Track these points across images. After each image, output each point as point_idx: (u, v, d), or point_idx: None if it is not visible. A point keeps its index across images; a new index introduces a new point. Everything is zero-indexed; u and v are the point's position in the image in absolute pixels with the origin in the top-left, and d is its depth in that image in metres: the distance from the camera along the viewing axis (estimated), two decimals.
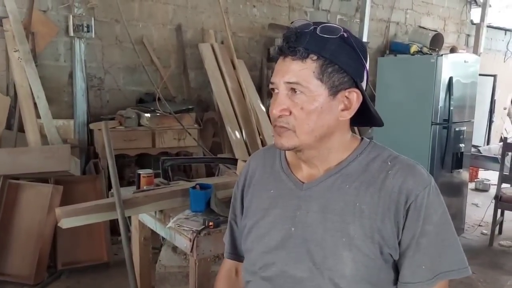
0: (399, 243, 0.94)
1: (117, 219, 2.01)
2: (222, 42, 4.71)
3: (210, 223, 1.82)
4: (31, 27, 3.63)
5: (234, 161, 2.86)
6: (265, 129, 4.46)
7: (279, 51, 0.96)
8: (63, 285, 2.96)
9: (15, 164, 3.11)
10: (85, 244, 3.12)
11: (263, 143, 4.41)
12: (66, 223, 1.84)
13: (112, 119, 3.88)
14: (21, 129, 3.50)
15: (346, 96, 0.96)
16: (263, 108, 4.60)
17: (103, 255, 3.15)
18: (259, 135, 4.49)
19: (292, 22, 0.98)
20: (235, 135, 4.34)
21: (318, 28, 0.93)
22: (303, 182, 1.02)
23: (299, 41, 0.92)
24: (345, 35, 0.93)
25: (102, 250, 3.15)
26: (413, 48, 5.84)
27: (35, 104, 3.51)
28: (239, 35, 4.96)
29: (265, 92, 5.04)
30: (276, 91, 0.97)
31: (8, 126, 3.57)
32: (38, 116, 3.50)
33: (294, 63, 0.93)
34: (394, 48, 6.21)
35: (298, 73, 0.92)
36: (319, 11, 5.68)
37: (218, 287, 1.21)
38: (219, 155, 4.24)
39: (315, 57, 0.92)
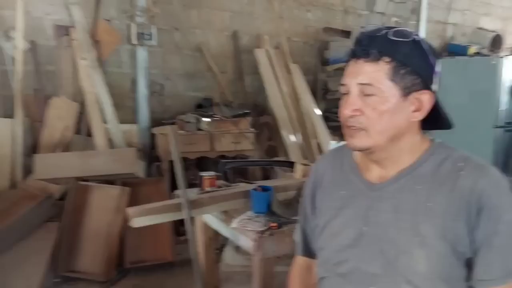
0: (472, 242, 0.95)
1: (183, 220, 2.12)
2: (277, 47, 4.78)
3: (274, 224, 1.88)
4: (96, 36, 3.88)
5: (290, 164, 2.90)
6: (321, 132, 4.47)
7: (352, 54, 1.00)
8: (130, 282, 3.12)
9: (85, 167, 3.34)
10: (151, 244, 3.28)
11: (319, 147, 4.42)
12: (136, 222, 1.97)
13: (173, 123, 4.05)
14: (89, 134, 3.75)
15: (417, 98, 0.99)
16: (318, 112, 4.61)
17: (168, 255, 3.29)
18: (314, 138, 4.50)
19: (362, 27, 1.03)
20: (290, 139, 4.39)
21: (391, 32, 0.97)
22: (373, 183, 1.06)
23: (372, 44, 0.96)
24: (417, 38, 0.98)
25: (167, 250, 3.30)
26: (472, 50, 5.63)
27: (101, 109, 3.75)
28: (294, 40, 5.01)
29: (320, 96, 5.05)
30: (346, 92, 1.01)
31: (77, 131, 3.82)
32: (104, 121, 3.74)
33: (366, 65, 0.97)
34: (452, 50, 6.01)
35: (371, 75, 0.96)
36: (373, 13, 5.61)
37: (292, 282, 1.27)
38: (275, 159, 4.30)
39: (388, 59, 0.96)
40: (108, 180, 3.34)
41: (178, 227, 3.54)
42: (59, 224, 3.12)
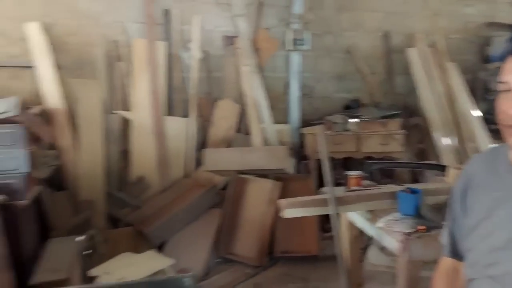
0: None
1: (328, 217, 2.18)
2: (431, 46, 4.47)
3: (422, 227, 1.81)
4: (257, 44, 4.19)
5: (442, 168, 2.72)
6: (479, 135, 4.04)
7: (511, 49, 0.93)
8: (279, 270, 3.32)
9: (244, 161, 3.66)
10: (298, 236, 3.43)
11: (477, 151, 4.00)
12: (287, 213, 2.10)
13: (321, 124, 4.14)
14: (247, 132, 4.08)
15: None
16: (477, 113, 4.17)
17: (313, 248, 3.40)
18: (471, 142, 4.09)
19: None
20: (443, 142, 4.07)
21: None
22: None
23: None
24: None
25: (312, 243, 3.41)
26: None
27: (259, 111, 4.05)
28: (451, 37, 4.62)
29: (480, 96, 4.55)
30: (506, 89, 0.94)
31: (238, 130, 4.18)
32: (261, 121, 4.03)
33: None
34: None
35: None
36: None
37: (437, 283, 1.23)
38: (425, 161, 4.04)
39: None
40: (263, 174, 3.60)
41: (324, 223, 3.62)
42: (221, 211, 3.48)
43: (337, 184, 2.39)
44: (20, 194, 2.45)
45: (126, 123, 3.75)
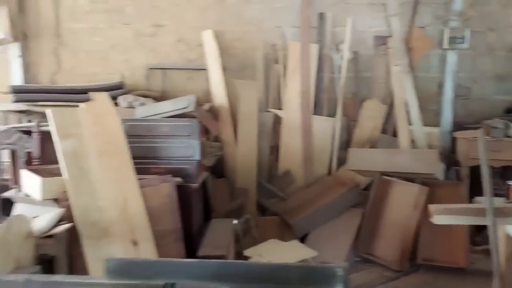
0: None
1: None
2: None
3: None
4: (410, 43, 3.98)
5: None
6: None
7: None
8: (421, 277, 3.13)
9: (389, 163, 3.53)
10: (444, 245, 3.18)
11: None
12: (437, 220, 1.99)
13: (477, 128, 3.74)
14: (394, 134, 3.92)
15: None
16: None
17: (460, 260, 3.12)
18: None
19: None
20: None
21: None
22: None
23: None
24: None
25: (460, 255, 3.13)
26: None
27: (407, 112, 3.85)
28: None
29: None
30: None
31: (383, 131, 4.05)
32: (409, 122, 3.83)
33: None
34: None
35: None
36: None
37: None
38: None
39: None
40: (408, 177, 3.42)
41: (474, 236, 3.29)
42: (362, 211, 3.44)
43: (495, 195, 2.16)
44: (192, 178, 2.82)
45: (277, 120, 3.96)
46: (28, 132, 2.47)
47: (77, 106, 2.38)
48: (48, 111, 2.23)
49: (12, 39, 3.76)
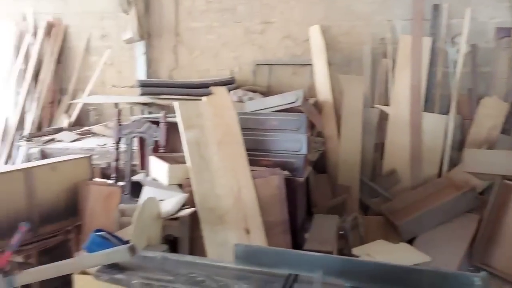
0: None
1: None
2: None
3: None
4: None
5: None
6: None
7: None
8: None
9: (511, 166, 3.14)
10: None
11: None
12: None
13: None
14: None
15: None
16: None
17: None
18: None
19: None
20: None
21: None
22: None
23: None
24: None
25: None
26: None
27: None
28: None
29: None
30: None
31: (503, 131, 3.60)
32: None
33: None
34: None
35: None
36: None
37: None
38: None
39: None
40: None
41: None
42: (479, 217, 3.10)
43: None
44: (299, 172, 2.79)
45: (383, 116, 3.75)
46: (155, 123, 2.65)
47: (195, 99, 2.49)
48: (175, 104, 2.37)
49: (139, 38, 4.08)
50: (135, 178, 2.71)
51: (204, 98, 2.45)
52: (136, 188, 2.68)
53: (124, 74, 4.48)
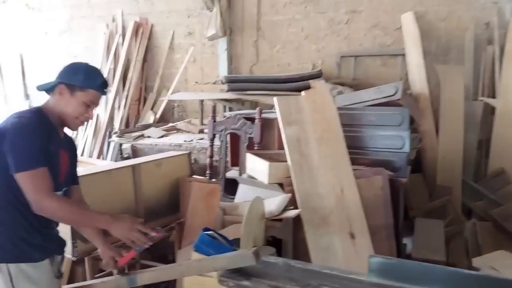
0: None
1: None
2: None
3: None
4: None
5: None
6: None
7: None
8: None
9: None
10: None
11: None
12: None
13: None
14: None
15: None
16: None
17: None
18: None
19: None
20: None
21: None
22: None
23: None
24: None
25: None
26: None
27: None
28: None
29: None
30: None
31: None
32: None
33: None
34: None
35: None
36: None
37: None
38: None
39: None
40: None
41: None
42: None
43: None
44: (401, 172, 2.55)
45: (488, 110, 3.37)
46: (249, 119, 2.58)
47: (294, 94, 2.36)
48: (274, 99, 2.25)
49: (221, 34, 4.05)
50: (229, 175, 2.65)
51: (302, 93, 2.31)
52: (229, 185, 2.63)
53: (205, 70, 4.49)
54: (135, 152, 3.64)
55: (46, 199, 1.22)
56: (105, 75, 1.41)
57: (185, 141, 3.64)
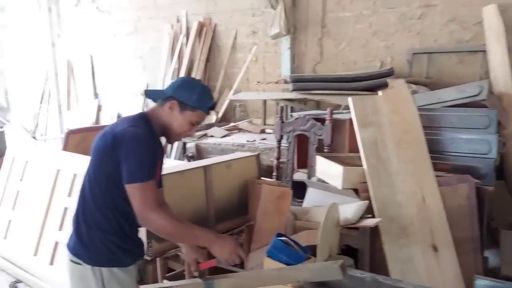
0: None
1: None
2: None
3: None
4: None
5: None
6: None
7: None
8: None
9: None
10: None
11: None
12: None
13: None
14: None
15: None
16: None
17: None
18: None
19: None
20: None
21: None
22: None
23: None
24: None
25: None
26: None
27: None
28: None
29: None
30: None
31: None
32: None
33: None
34: None
35: None
36: None
37: None
38: None
39: None
40: None
41: None
42: None
43: None
44: (487, 179, 2.32)
45: None
46: (318, 120, 2.47)
47: (369, 94, 2.21)
48: (349, 99, 2.13)
49: (285, 33, 3.96)
50: (296, 177, 2.56)
51: (379, 93, 2.16)
52: (295, 188, 2.53)
53: (267, 70, 4.42)
54: (199, 151, 3.66)
55: (153, 214, 1.21)
56: (214, 99, 1.39)
57: (248, 141, 3.60)
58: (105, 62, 5.66)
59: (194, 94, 1.31)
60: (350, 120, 2.42)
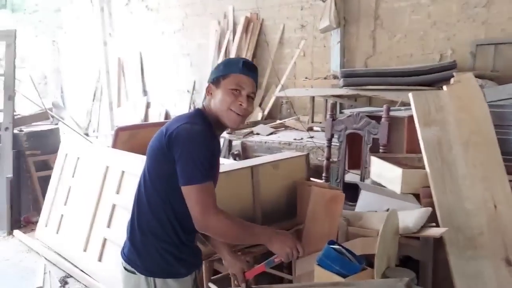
0: None
1: None
2: None
3: None
4: None
5: None
6: None
7: None
8: None
9: None
10: None
11: None
12: None
13: None
14: None
15: None
16: None
17: None
18: None
19: None
20: None
21: None
22: None
23: None
24: None
25: None
26: None
27: None
28: None
29: None
30: None
31: None
32: None
33: None
34: None
35: None
36: None
37: None
38: None
39: None
40: None
41: None
42: None
43: None
44: None
45: None
46: (373, 117, 2.29)
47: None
48: (410, 95, 1.94)
49: (335, 26, 3.78)
50: (347, 179, 2.40)
51: (444, 88, 1.95)
52: (346, 190, 2.37)
53: (315, 65, 4.26)
54: (244, 149, 3.59)
55: (213, 218, 1.12)
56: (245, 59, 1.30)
57: (295, 139, 3.47)
58: (153, 59, 5.75)
59: (219, 67, 1.26)
60: (409, 118, 2.23)
